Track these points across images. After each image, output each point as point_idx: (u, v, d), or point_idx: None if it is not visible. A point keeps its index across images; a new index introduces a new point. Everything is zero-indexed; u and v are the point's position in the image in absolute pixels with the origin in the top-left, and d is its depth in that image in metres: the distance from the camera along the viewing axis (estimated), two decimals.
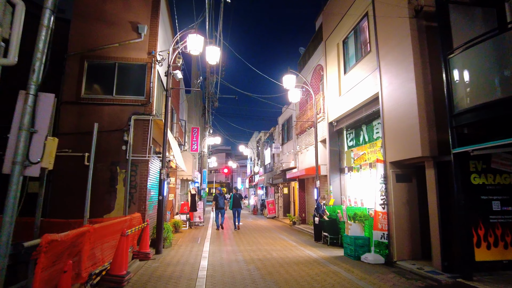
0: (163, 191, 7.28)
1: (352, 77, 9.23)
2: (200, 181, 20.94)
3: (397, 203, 6.91)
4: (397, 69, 6.86)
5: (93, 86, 8.69)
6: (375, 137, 8.73)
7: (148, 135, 8.33)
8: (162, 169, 7.34)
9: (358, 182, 9.44)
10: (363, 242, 7.10)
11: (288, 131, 17.40)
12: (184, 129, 16.55)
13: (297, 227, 13.57)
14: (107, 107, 8.49)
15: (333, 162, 10.60)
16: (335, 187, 10.41)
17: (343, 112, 9.70)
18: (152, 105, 8.59)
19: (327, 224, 9.14)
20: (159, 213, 7.29)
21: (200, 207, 14.02)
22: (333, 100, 10.50)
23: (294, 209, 17.49)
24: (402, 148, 6.66)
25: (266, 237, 10.50)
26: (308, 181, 14.61)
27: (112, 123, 8.40)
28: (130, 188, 8.11)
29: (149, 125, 8.38)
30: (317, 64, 12.79)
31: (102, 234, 4.81)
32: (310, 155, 12.93)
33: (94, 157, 5.59)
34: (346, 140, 10.49)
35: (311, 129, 13.06)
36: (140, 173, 8.22)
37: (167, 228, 8.05)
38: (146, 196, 8.13)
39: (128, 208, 8.01)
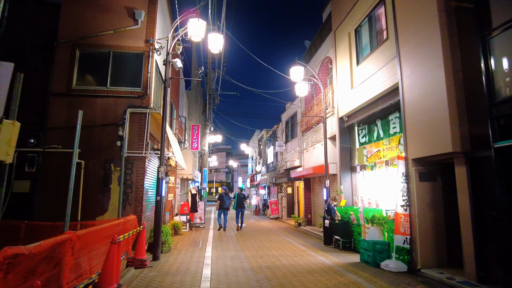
0: (161, 190, 6.60)
1: (366, 68, 8.55)
2: (201, 181, 20.27)
3: (421, 204, 6.22)
4: (421, 55, 6.18)
5: (86, 76, 8.00)
6: (392, 132, 8.05)
7: (145, 130, 7.65)
8: (160, 166, 6.66)
9: (372, 181, 8.76)
10: (382, 247, 6.42)
11: (292, 128, 16.72)
12: (184, 126, 15.87)
13: (303, 229, 12.89)
14: (101, 99, 7.80)
15: (344, 160, 9.92)
16: (346, 187, 9.74)
17: (355, 106, 9.02)
18: (150, 97, 7.90)
19: (339, 227, 8.45)
20: (156, 215, 6.61)
21: (201, 208, 13.34)
22: (344, 94, 9.82)
23: (299, 210, 16.81)
24: (427, 143, 5.98)
25: (271, 240, 9.82)
26: (314, 181, 13.94)
27: (106, 117, 7.71)
28: (125, 187, 7.43)
29: (146, 119, 7.69)
30: (324, 56, 12.10)
31: (89, 240, 4.12)
32: (317, 153, 12.25)
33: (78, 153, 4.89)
34: (358, 137, 9.80)
35: (318, 126, 12.39)
36: (136, 171, 7.54)
37: (166, 232, 7.37)
38: (143, 196, 7.45)
39: (123, 209, 7.33)
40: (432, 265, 6.05)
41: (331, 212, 8.89)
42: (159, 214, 6.58)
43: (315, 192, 13.85)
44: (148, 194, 8.16)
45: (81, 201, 7.12)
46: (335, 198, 9.15)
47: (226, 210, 12.73)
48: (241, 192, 14.23)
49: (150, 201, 8.33)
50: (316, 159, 12.40)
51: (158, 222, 6.57)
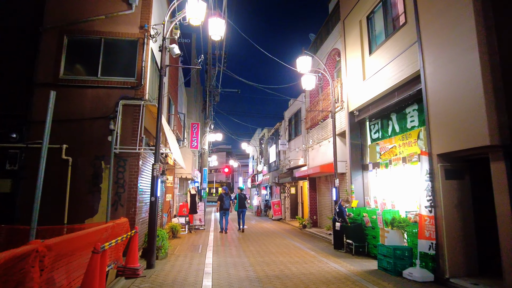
0: (156, 190, 5.91)
1: (380, 57, 7.86)
2: (200, 181, 19.59)
3: (448, 205, 5.53)
4: (448, 38, 5.49)
5: (74, 65, 7.31)
6: (409, 126, 7.36)
7: (139, 124, 6.96)
8: (155, 163, 5.97)
9: (387, 180, 8.07)
10: (403, 253, 5.73)
11: (296, 126, 16.04)
12: (183, 124, 15.18)
13: (308, 231, 12.20)
14: (91, 90, 7.11)
15: (354, 157, 9.23)
16: (357, 187, 9.04)
17: (368, 99, 8.33)
18: (145, 88, 7.21)
19: (351, 230, 7.76)
20: (151, 217, 5.91)
21: (200, 209, 12.65)
22: (354, 86, 9.13)
23: (303, 211, 16.13)
24: (456, 136, 5.29)
25: (277, 244, 9.12)
26: (320, 180, 13.25)
27: (96, 109, 7.03)
28: (117, 187, 6.74)
29: (141, 111, 7.00)
30: (331, 48, 11.42)
31: (67, 250, 3.43)
32: (324, 150, 11.57)
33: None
34: (370, 132, 9.11)
35: (325, 122, 11.70)
36: (129, 169, 6.85)
37: (162, 236, 6.68)
38: (137, 196, 6.75)
39: (115, 211, 6.65)
40: (462, 274, 5.36)
41: (343, 213, 8.20)
42: (154, 217, 5.89)
43: (321, 192, 13.16)
44: (143, 194, 7.47)
45: (68, 202, 6.44)
46: (348, 200, 8.44)
47: (227, 211, 12.11)
48: (242, 192, 13.61)
49: (146, 202, 7.64)
50: (322, 157, 11.71)
51: (152, 225, 5.88)
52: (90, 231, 4.02)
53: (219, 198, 12.26)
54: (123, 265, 5.30)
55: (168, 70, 11.07)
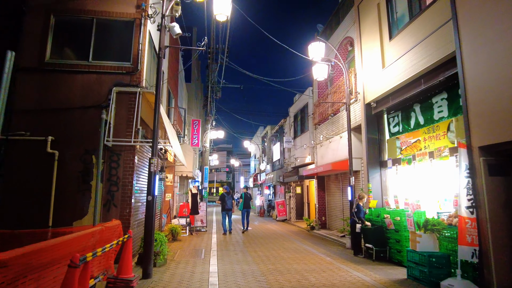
0: (153, 189, 5.13)
1: (403, 41, 7.09)
2: (201, 180, 18.79)
3: (493, 206, 4.76)
4: (493, 14, 4.72)
5: (62, 48, 6.54)
6: (437, 117, 6.59)
7: (135, 114, 6.18)
8: (153, 158, 5.19)
9: (410, 177, 7.30)
10: (439, 261, 4.95)
11: (302, 122, 15.26)
12: (183, 119, 14.41)
13: (317, 233, 11.42)
14: (81, 76, 6.33)
15: (371, 153, 8.45)
16: (375, 185, 8.27)
17: (387, 88, 7.56)
18: (141, 74, 6.44)
19: (371, 233, 6.98)
20: (148, 219, 5.13)
21: (202, 209, 11.87)
22: (372, 76, 8.36)
23: (309, 211, 15.36)
24: (502, 126, 4.52)
25: (286, 248, 8.35)
26: (329, 179, 12.47)
27: (86, 97, 6.25)
28: (110, 185, 5.96)
29: (137, 99, 6.22)
30: (343, 37, 10.65)
31: (36, 264, 2.66)
32: (335, 147, 10.79)
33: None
34: (388, 126, 8.34)
35: (336, 116, 10.93)
36: (124, 164, 6.07)
37: (160, 240, 5.90)
38: (132, 195, 5.98)
39: (108, 212, 5.87)
40: None
41: (361, 213, 7.43)
42: (151, 218, 5.10)
43: (330, 192, 12.38)
44: (140, 193, 6.70)
45: (53, 202, 5.66)
46: (363, 197, 7.67)
47: (229, 212, 11.42)
48: (247, 192, 12.89)
49: (142, 202, 6.87)
50: (333, 154, 10.93)
51: (149, 228, 5.10)
52: (70, 238, 3.24)
53: (221, 198, 11.58)
54: (115, 275, 4.52)
55: (168, 61, 10.31)
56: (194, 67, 22.27)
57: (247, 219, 12.07)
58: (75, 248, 3.26)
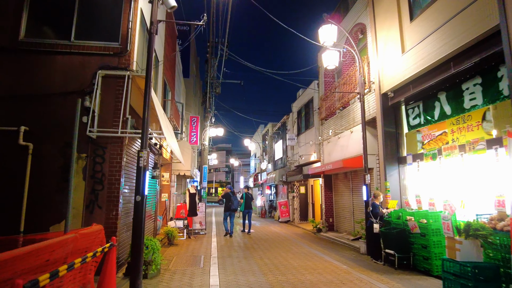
0: (143, 187, 4.31)
1: (427, 21, 6.30)
2: (200, 179, 17.96)
3: None
4: None
5: (40, 26, 5.70)
6: (468, 106, 5.80)
7: (123, 101, 5.35)
8: (142, 150, 4.36)
9: (436, 174, 6.50)
10: (487, 273, 4.14)
11: (307, 117, 14.45)
12: (181, 115, 13.57)
13: (325, 236, 10.61)
14: (61, 57, 5.50)
15: (388, 149, 7.65)
16: (392, 184, 7.47)
17: (408, 76, 6.76)
18: (131, 56, 5.61)
19: (393, 237, 6.17)
20: (136, 223, 4.30)
21: (201, 210, 11.04)
22: (389, 63, 7.57)
23: (314, 212, 14.55)
24: None
25: (295, 253, 7.53)
26: (337, 178, 11.66)
27: (68, 82, 5.41)
28: (94, 183, 5.13)
29: (125, 84, 5.39)
30: (353, 24, 9.85)
31: None
32: (344, 143, 9.99)
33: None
34: (407, 118, 7.54)
35: (346, 110, 10.13)
36: (110, 159, 5.24)
37: (153, 247, 5.07)
38: (119, 195, 5.14)
39: (91, 214, 5.04)
40: None
41: (378, 212, 6.64)
42: (140, 222, 4.27)
43: (338, 191, 11.57)
44: (130, 193, 5.87)
45: (26, 204, 4.82)
46: (378, 195, 6.87)
47: (233, 212, 10.67)
48: (249, 192, 12.13)
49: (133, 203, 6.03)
50: (342, 151, 10.13)
51: (138, 235, 4.26)
52: (27, 251, 2.41)
53: (225, 197, 10.74)
54: None
55: (164, 48, 9.49)
56: (192, 62, 21.44)
57: (249, 221, 11.44)
58: (30, 264, 2.44)
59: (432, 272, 5.45)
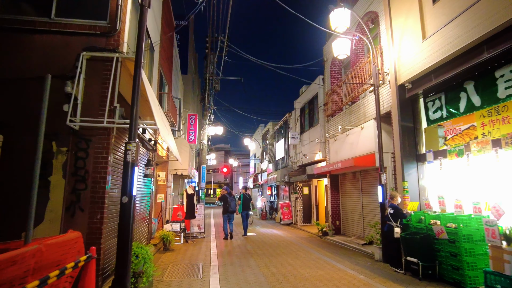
0: (130, 186, 3.60)
1: (453, 1, 5.64)
2: (199, 180, 17.26)
3: None
4: None
5: (15, 1, 4.98)
6: (503, 96, 5.14)
7: (111, 87, 4.63)
8: (130, 142, 3.66)
9: (462, 173, 5.84)
10: None
11: (311, 115, 13.77)
12: (178, 111, 12.86)
13: (332, 240, 9.92)
14: (40, 37, 4.79)
15: (406, 145, 6.98)
16: (411, 184, 6.79)
17: (430, 63, 6.10)
18: (121, 36, 4.90)
19: (416, 243, 5.48)
20: (122, 229, 3.58)
21: (199, 212, 10.32)
22: (406, 51, 6.90)
23: (318, 214, 13.86)
24: None
25: (303, 260, 6.83)
26: (344, 178, 10.98)
27: (47, 65, 4.70)
28: (75, 181, 4.41)
29: (114, 68, 4.68)
30: (364, 13, 9.18)
31: None
32: (354, 140, 9.31)
33: None
34: (426, 112, 6.88)
35: (356, 105, 9.46)
36: (94, 154, 4.52)
37: (143, 256, 4.36)
38: (105, 195, 4.42)
39: (72, 217, 4.33)
40: None
41: (401, 214, 5.96)
42: (127, 228, 3.56)
43: (346, 192, 10.89)
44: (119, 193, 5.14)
45: None
46: (394, 196, 6.19)
47: (232, 215, 10.18)
48: (246, 192, 11.57)
49: None
50: (351, 149, 9.45)
51: (124, 242, 3.55)
52: None
53: (222, 199, 10.26)
54: None
55: (160, 37, 8.79)
56: (190, 58, 20.76)
57: (247, 222, 11.10)
58: None
59: (465, 285, 4.77)
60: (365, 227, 9.37)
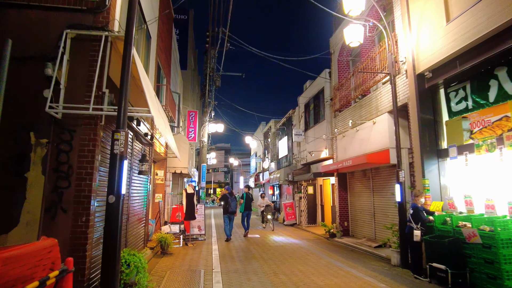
0: (118, 183, 3.01)
1: None
2: (199, 179, 16.68)
3: None
4: None
5: None
6: None
7: (97, 69, 4.03)
8: (118, 131, 3.06)
9: (492, 169, 5.25)
10: None
11: (316, 111, 13.18)
12: (177, 106, 12.26)
13: (340, 242, 9.34)
14: (17, 12, 4.19)
15: (426, 140, 6.39)
16: (432, 182, 6.20)
17: (455, 48, 5.51)
18: (111, 13, 4.31)
19: (443, 248, 4.90)
20: (108, 235, 2.99)
21: (200, 213, 9.73)
22: (427, 36, 6.31)
23: (323, 215, 13.28)
24: None
25: (314, 266, 6.25)
26: (353, 176, 10.39)
27: (25, 45, 4.10)
28: (57, 178, 3.81)
29: (102, 49, 4.08)
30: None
31: None
32: (365, 136, 8.72)
33: None
34: (448, 103, 6.29)
35: (367, 98, 8.87)
36: (80, 147, 3.92)
37: (136, 264, 3.76)
38: (92, 194, 3.82)
39: (52, 220, 3.74)
40: None
41: (421, 216, 5.37)
42: (114, 234, 2.96)
43: (354, 192, 10.30)
44: None
45: None
46: (418, 195, 5.59)
47: (232, 215, 9.76)
48: (249, 192, 11.09)
49: None
50: (361, 145, 8.86)
51: (111, 251, 2.95)
52: None
53: (223, 199, 9.82)
54: None
55: (158, 26, 8.20)
56: (190, 54, 20.16)
57: (248, 222, 10.62)
58: None
59: None
60: (377, 228, 8.78)
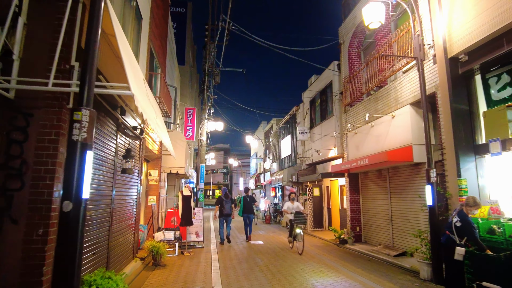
0: (78, 184, 2.10)
1: None
2: (197, 180, 15.79)
3: None
4: None
5: None
6: None
7: (62, 35, 3.11)
8: (79, 109, 2.15)
9: None
10: None
11: (323, 106, 12.28)
12: (174, 101, 11.34)
13: (353, 250, 8.43)
14: None
15: (461, 134, 5.50)
16: (468, 183, 5.30)
17: (503, 24, 4.63)
18: None
19: (498, 263, 3.98)
20: (63, 255, 2.08)
21: (198, 217, 8.80)
22: (463, 14, 5.43)
23: (331, 218, 12.37)
24: None
25: (330, 279, 5.35)
26: (366, 177, 9.48)
27: None
28: (5, 177, 2.88)
29: (69, 10, 3.16)
30: None
31: None
32: (383, 131, 7.83)
33: None
34: (486, 90, 5.39)
35: (384, 89, 7.99)
36: (38, 135, 2.99)
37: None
38: (52, 199, 2.89)
39: None
40: None
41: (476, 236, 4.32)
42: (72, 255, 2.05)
43: (368, 194, 9.39)
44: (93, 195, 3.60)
45: None
46: (474, 204, 4.59)
47: (228, 218, 9.37)
48: (248, 194, 10.33)
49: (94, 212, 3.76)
50: (377, 142, 7.97)
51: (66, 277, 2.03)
52: None
53: (218, 202, 9.39)
54: None
55: (151, 7, 7.30)
56: (188, 49, 19.25)
57: (250, 226, 10.04)
58: None
59: None
60: (395, 234, 7.88)
